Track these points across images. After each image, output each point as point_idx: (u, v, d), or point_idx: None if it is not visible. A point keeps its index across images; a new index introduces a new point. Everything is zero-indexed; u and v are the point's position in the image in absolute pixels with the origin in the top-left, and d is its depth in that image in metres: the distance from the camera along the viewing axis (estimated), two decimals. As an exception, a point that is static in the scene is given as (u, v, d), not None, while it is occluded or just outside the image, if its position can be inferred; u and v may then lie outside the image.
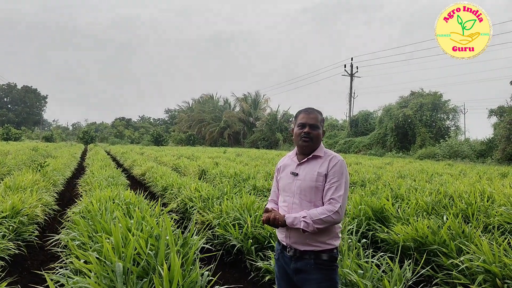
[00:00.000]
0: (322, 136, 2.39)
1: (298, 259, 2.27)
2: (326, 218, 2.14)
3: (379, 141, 37.11)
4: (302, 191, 2.28)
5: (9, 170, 11.46)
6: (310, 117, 2.34)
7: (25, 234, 4.99)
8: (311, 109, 2.40)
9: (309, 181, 2.26)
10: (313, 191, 2.25)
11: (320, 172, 2.26)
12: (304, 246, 2.24)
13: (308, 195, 2.26)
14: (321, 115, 2.41)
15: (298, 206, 2.27)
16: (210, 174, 10.81)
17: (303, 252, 2.25)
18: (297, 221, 2.16)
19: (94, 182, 8.33)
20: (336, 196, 2.18)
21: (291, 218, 2.19)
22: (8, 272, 4.17)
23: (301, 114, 2.39)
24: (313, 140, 2.32)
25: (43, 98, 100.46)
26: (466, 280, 3.35)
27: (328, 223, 2.16)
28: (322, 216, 2.14)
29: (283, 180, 2.43)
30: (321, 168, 2.27)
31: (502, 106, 27.63)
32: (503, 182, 8.55)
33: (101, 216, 4.26)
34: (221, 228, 4.96)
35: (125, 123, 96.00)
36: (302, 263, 2.25)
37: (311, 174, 2.27)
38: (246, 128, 59.87)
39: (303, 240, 2.24)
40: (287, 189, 2.36)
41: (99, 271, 2.83)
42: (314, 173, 2.27)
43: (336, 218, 2.16)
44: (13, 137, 54.27)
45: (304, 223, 2.14)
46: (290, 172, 2.39)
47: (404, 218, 4.91)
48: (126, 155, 21.57)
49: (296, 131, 2.38)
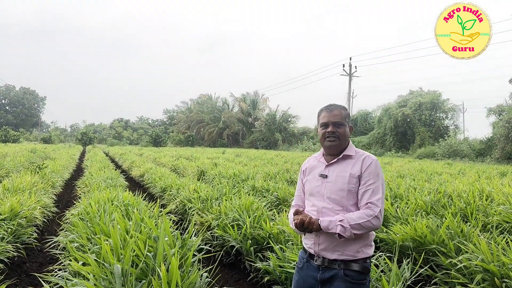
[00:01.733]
0: (350, 132, 2.22)
1: (326, 268, 2.10)
2: (365, 223, 1.98)
3: (378, 141, 37.16)
4: (333, 195, 2.11)
5: (7, 172, 11.44)
6: (333, 114, 2.17)
7: (23, 237, 4.98)
8: (333, 106, 2.22)
9: (341, 183, 2.10)
10: (345, 194, 2.09)
11: (353, 174, 2.09)
12: (334, 254, 2.08)
13: (340, 198, 2.09)
14: (345, 110, 2.22)
15: (329, 211, 2.11)
16: (209, 175, 10.80)
17: (333, 261, 2.08)
18: (332, 225, 2.00)
19: (92, 183, 8.32)
20: (374, 199, 2.03)
21: (326, 222, 2.02)
22: (7, 275, 4.17)
23: (323, 112, 2.22)
24: (340, 139, 2.15)
25: (41, 100, 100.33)
26: (464, 280, 3.35)
27: (367, 229, 2.00)
28: (360, 221, 1.98)
29: (310, 183, 2.25)
30: (354, 169, 2.10)
31: (501, 105, 27.71)
32: (502, 181, 8.56)
33: (100, 218, 4.25)
34: (220, 229, 4.95)
35: (123, 124, 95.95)
36: (330, 274, 2.08)
37: (342, 176, 2.11)
38: (245, 128, 59.87)
39: (334, 247, 2.08)
40: (316, 192, 2.19)
41: (97, 273, 2.83)
42: (346, 175, 2.10)
43: (375, 224, 2.00)
44: (11, 139, 54.19)
45: (341, 228, 1.97)
46: (318, 174, 2.21)
47: (403, 217, 4.91)
48: (124, 156, 21.55)
49: (320, 131, 2.22)
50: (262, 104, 62.83)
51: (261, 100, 62.84)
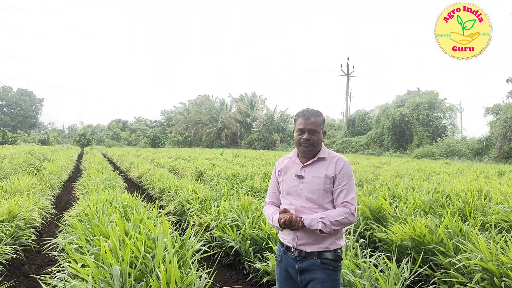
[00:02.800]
0: (323, 137, 2.37)
1: (303, 259, 2.28)
2: (343, 219, 2.19)
3: (376, 141, 37.22)
4: (310, 194, 2.28)
5: (5, 174, 11.42)
6: (309, 122, 2.29)
7: (22, 238, 4.97)
8: (310, 113, 2.33)
9: (317, 184, 2.27)
10: (321, 193, 2.26)
11: (328, 175, 2.27)
12: (310, 247, 2.26)
13: (317, 198, 2.27)
14: (320, 116, 2.35)
15: (307, 209, 2.27)
16: (207, 176, 10.80)
17: (309, 253, 2.27)
18: (314, 222, 2.17)
19: (91, 185, 8.30)
20: (349, 199, 2.24)
21: (308, 220, 2.19)
22: (6, 277, 4.16)
23: (300, 118, 2.34)
24: (313, 145, 2.31)
25: (38, 101, 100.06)
26: (463, 279, 3.36)
27: (345, 225, 2.22)
28: (339, 218, 2.18)
29: (286, 183, 2.40)
30: (328, 171, 2.28)
31: (498, 104, 27.81)
32: (500, 180, 8.59)
33: (99, 219, 4.25)
34: (219, 229, 4.95)
35: (121, 125, 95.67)
36: (307, 263, 2.27)
37: (318, 177, 2.28)
38: (243, 129, 59.87)
39: (311, 242, 2.25)
40: (293, 192, 2.34)
41: (96, 274, 2.83)
42: (322, 176, 2.28)
43: (352, 220, 2.22)
44: (9, 140, 54.03)
45: (322, 224, 2.16)
46: (295, 175, 2.36)
47: (401, 217, 4.92)
48: (123, 158, 21.52)
49: (296, 136, 2.35)
50: (260, 105, 62.87)
51: (259, 101, 62.88)
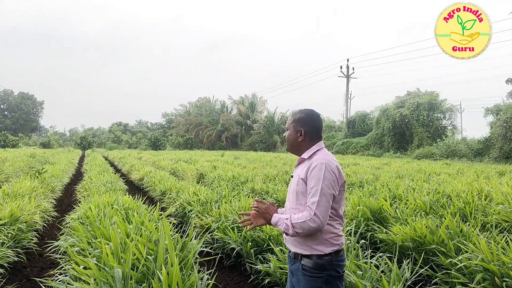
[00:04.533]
0: (301, 134, 2.27)
1: (293, 261, 2.26)
2: (302, 224, 2.05)
3: (376, 142, 37.17)
4: (290, 194, 2.31)
5: (7, 177, 11.44)
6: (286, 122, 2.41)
7: (24, 241, 4.99)
8: (290, 113, 2.43)
9: (294, 185, 2.27)
10: (295, 195, 2.23)
11: (301, 176, 2.18)
12: (294, 247, 2.22)
13: (293, 199, 2.25)
14: (296, 115, 2.33)
15: (289, 210, 2.28)
16: (208, 178, 10.81)
17: (295, 254, 2.23)
18: (280, 222, 2.16)
19: (92, 187, 8.31)
20: (310, 202, 2.08)
21: (276, 218, 2.20)
22: (8, 280, 4.17)
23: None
24: (287, 142, 2.37)
25: (39, 104, 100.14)
26: (465, 279, 3.36)
27: (307, 230, 2.06)
28: (299, 221, 2.06)
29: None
30: (302, 172, 2.20)
31: (498, 105, 27.76)
32: (501, 180, 8.59)
33: (100, 222, 4.26)
34: (220, 231, 4.96)
35: (122, 128, 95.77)
36: (294, 266, 2.24)
37: (296, 178, 2.26)
38: (243, 131, 59.88)
39: (292, 241, 2.23)
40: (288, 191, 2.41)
41: (98, 277, 2.84)
42: (297, 177, 2.24)
43: (312, 225, 2.03)
44: (11, 144, 54.14)
45: (285, 225, 2.12)
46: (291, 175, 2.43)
47: (402, 218, 4.92)
48: (124, 160, 21.53)
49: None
50: (260, 107, 62.88)
51: (260, 103, 62.89)
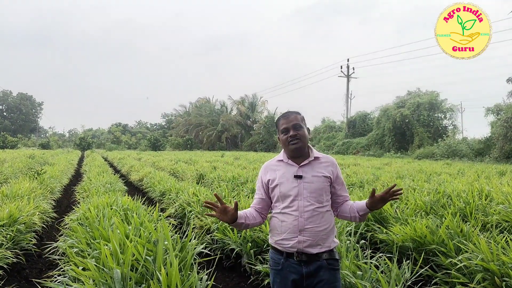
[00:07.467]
0: (309, 134, 2.40)
1: (308, 263, 2.24)
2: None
3: (377, 142, 37.17)
4: (313, 193, 2.29)
5: (6, 178, 11.42)
6: (290, 119, 2.36)
7: (23, 243, 4.97)
8: (289, 112, 2.42)
9: (317, 183, 2.31)
10: (322, 192, 2.31)
11: (326, 175, 2.34)
12: (315, 249, 2.25)
13: (318, 197, 2.30)
14: (299, 114, 2.42)
15: (309, 209, 2.27)
16: (208, 178, 10.80)
17: (314, 255, 2.25)
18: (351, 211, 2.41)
19: (91, 188, 8.29)
20: (347, 194, 2.49)
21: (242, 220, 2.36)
22: (7, 281, 4.16)
23: (281, 120, 2.41)
24: (302, 140, 2.33)
25: (38, 105, 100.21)
26: (465, 279, 3.36)
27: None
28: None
29: (284, 185, 2.32)
30: (326, 171, 2.35)
31: (499, 104, 27.73)
32: (501, 180, 8.58)
33: (99, 223, 4.24)
34: (220, 232, 4.95)
35: (121, 128, 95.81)
36: (314, 266, 2.24)
37: (318, 177, 2.32)
38: (243, 131, 59.89)
39: (316, 243, 2.25)
40: (293, 193, 2.28)
41: (97, 278, 2.82)
42: (321, 176, 2.33)
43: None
44: (10, 145, 54.19)
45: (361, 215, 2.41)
46: (293, 176, 2.31)
47: (402, 218, 4.92)
48: (123, 161, 21.52)
49: (282, 138, 2.39)
50: (260, 107, 62.94)
51: (260, 103, 62.94)
